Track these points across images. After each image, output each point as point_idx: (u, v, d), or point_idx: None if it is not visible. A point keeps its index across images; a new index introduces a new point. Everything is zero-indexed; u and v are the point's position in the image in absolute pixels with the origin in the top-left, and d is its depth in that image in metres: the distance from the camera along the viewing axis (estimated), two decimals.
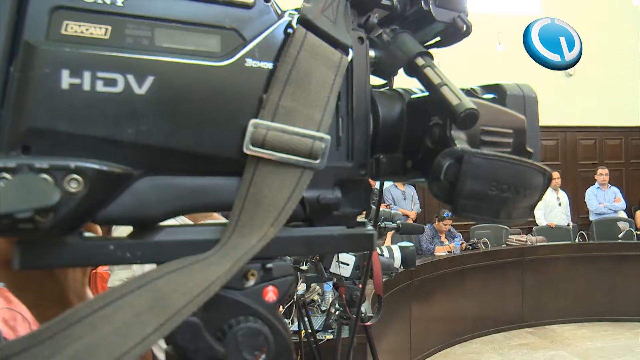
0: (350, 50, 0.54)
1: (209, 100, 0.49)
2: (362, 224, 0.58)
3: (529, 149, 0.61)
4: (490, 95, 0.64)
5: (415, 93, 0.63)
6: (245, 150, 0.49)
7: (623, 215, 7.82)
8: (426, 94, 0.59)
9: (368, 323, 2.30)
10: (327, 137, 0.50)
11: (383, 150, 0.60)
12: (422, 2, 0.61)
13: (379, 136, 0.59)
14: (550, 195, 7.70)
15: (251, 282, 0.50)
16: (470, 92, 0.64)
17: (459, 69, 8.49)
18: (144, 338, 0.40)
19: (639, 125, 10.05)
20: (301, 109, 0.50)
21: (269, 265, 0.51)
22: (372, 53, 0.60)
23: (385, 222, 2.15)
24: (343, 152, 0.55)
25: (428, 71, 0.57)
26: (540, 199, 0.60)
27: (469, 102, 0.53)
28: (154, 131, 0.47)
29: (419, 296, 5.00)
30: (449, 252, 5.72)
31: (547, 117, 9.28)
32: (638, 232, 7.53)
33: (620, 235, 6.54)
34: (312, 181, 0.51)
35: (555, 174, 7.73)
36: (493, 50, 8.82)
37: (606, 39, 9.68)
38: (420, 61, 0.58)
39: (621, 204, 7.81)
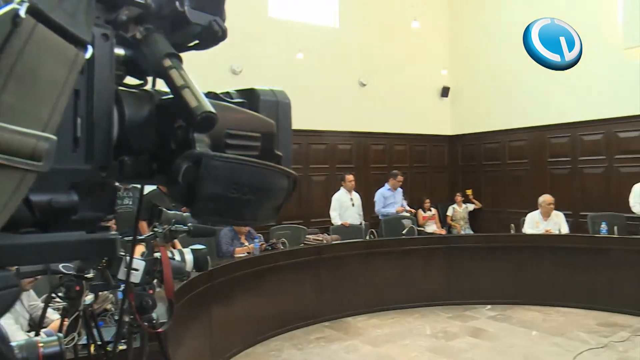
0: (89, 46, 0.51)
1: None
2: (106, 229, 0.56)
3: (278, 153, 0.63)
4: (241, 100, 0.65)
5: (167, 94, 0.62)
6: None
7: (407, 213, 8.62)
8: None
9: (159, 330, 2.23)
10: (53, 137, 0.47)
11: (130, 152, 0.57)
12: (177, 3, 0.60)
13: (125, 137, 0.56)
14: (344, 197, 8.19)
15: None
16: (217, 96, 0.64)
17: (261, 74, 8.68)
18: None
19: (420, 134, 11.17)
20: (25, 106, 0.46)
21: None
22: (121, 51, 0.57)
23: (177, 225, 2.11)
24: (81, 153, 0.52)
25: (173, 73, 0.56)
26: (286, 200, 0.62)
27: (207, 105, 0.53)
28: None
29: (219, 298, 4.97)
30: (248, 253, 5.78)
31: (343, 123, 9.89)
32: (419, 229, 8.38)
33: (404, 232, 7.21)
34: (43, 184, 0.47)
35: (350, 177, 8.26)
36: (293, 58, 9.15)
37: (396, 51, 10.60)
38: (167, 62, 0.57)
39: (405, 213, 8.53)
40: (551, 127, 9.85)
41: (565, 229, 7.29)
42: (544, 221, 7.32)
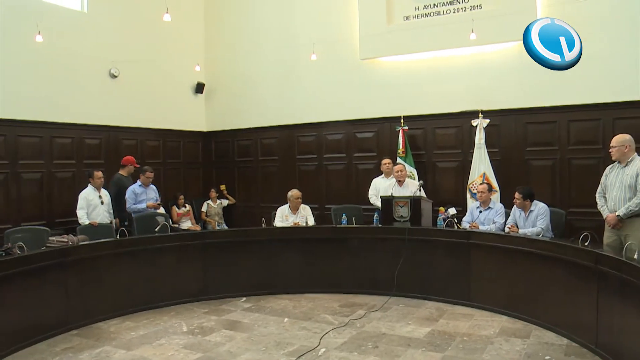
0: None
1: None
2: None
3: None
4: None
5: None
6: None
7: (161, 210, 8.44)
8: None
9: None
10: None
11: None
12: None
13: None
14: (93, 194, 7.71)
15: None
16: None
17: None
18: None
19: (173, 129, 11.04)
20: None
21: None
22: None
23: None
24: None
25: None
26: None
27: None
28: None
29: None
30: None
31: (91, 115, 9.30)
32: (174, 225, 8.25)
33: (157, 229, 7.02)
34: None
35: (98, 173, 7.83)
36: (31, 41, 8.22)
37: (150, 44, 10.26)
38: None
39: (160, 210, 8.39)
40: (300, 126, 10.57)
41: (311, 221, 7.87)
42: (293, 214, 7.80)
